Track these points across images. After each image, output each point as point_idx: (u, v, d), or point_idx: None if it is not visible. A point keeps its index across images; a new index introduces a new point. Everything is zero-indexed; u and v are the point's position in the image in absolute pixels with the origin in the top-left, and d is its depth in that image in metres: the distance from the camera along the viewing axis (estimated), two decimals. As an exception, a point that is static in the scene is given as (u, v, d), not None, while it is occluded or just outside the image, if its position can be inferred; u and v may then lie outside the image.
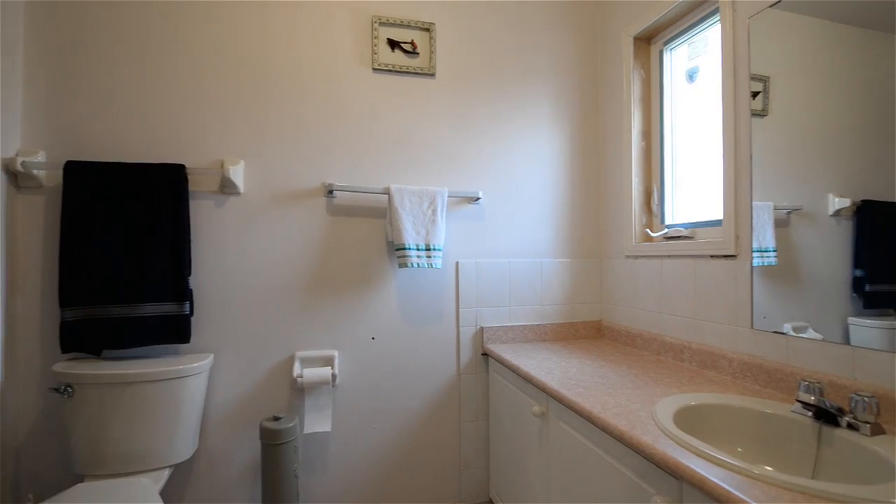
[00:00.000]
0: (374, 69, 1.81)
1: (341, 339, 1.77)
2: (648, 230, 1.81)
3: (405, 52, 1.85)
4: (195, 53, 1.65)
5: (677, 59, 1.80)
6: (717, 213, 1.52)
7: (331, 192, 1.71)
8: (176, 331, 1.54)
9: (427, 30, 1.86)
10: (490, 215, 1.94)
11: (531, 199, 1.99)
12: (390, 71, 1.83)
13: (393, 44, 1.83)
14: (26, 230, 1.51)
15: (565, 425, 1.27)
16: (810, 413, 1.00)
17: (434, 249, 1.74)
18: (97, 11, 1.58)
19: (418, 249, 1.72)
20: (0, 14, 1.42)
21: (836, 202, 1.12)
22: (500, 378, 1.77)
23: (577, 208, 2.06)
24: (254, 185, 1.70)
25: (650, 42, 1.87)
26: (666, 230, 1.73)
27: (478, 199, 1.88)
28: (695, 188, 1.71)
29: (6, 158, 1.44)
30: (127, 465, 1.43)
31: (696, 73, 1.71)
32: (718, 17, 1.46)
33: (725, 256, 1.41)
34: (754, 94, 1.32)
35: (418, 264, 1.71)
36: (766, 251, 1.28)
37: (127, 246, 1.50)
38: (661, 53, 1.84)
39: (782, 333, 1.23)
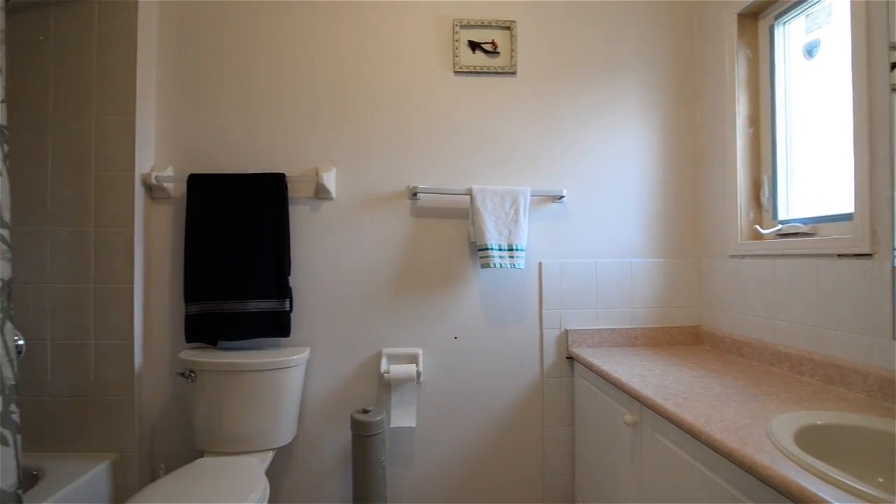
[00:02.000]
0: (456, 72, 1.83)
1: (425, 337, 1.81)
2: (758, 227, 1.63)
3: (486, 52, 1.85)
4: (291, 71, 1.80)
5: (792, 33, 1.60)
6: (845, 205, 1.32)
7: (414, 194, 1.76)
8: (278, 325, 1.68)
9: (508, 28, 1.84)
10: (575, 214, 1.87)
11: (619, 196, 1.89)
12: (471, 72, 1.84)
13: (474, 45, 1.84)
14: (159, 235, 1.75)
15: (662, 437, 1.19)
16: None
17: (517, 250, 1.72)
18: (206, 43, 1.78)
19: (501, 250, 1.71)
20: (138, 54, 1.65)
21: None
22: (586, 383, 1.70)
23: (670, 204, 1.91)
24: (344, 190, 1.80)
25: (757, 17, 1.68)
26: (779, 226, 1.54)
27: (562, 197, 1.83)
28: (815, 178, 1.50)
29: (144, 174, 1.68)
30: (238, 445, 1.59)
31: (816, 47, 1.51)
32: (846, -19, 1.27)
33: (857, 255, 1.22)
34: (893, 66, 1.13)
35: (501, 265, 1.70)
36: (914, 249, 1.09)
37: (237, 248, 1.67)
38: (770, 29, 1.65)
39: (937, 346, 1.04)
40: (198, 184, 1.68)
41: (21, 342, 1.50)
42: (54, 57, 1.63)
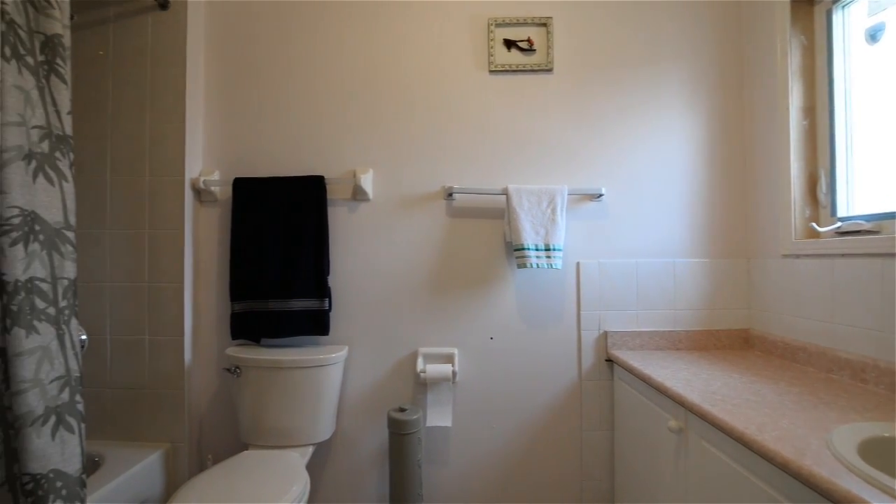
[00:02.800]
0: (491, 71, 1.82)
1: (461, 337, 1.81)
2: (814, 224, 1.53)
3: (521, 50, 1.83)
4: (328, 77, 1.84)
5: (852, 17, 1.49)
6: (915, 200, 1.22)
7: (450, 194, 1.76)
8: (318, 324, 1.72)
9: (544, 25, 1.82)
10: (614, 213, 1.82)
11: (661, 194, 1.82)
12: (507, 71, 1.82)
13: (509, 43, 1.82)
14: (206, 237, 1.83)
15: (709, 445, 1.14)
16: None
17: (554, 249, 1.69)
18: (248, 54, 1.85)
19: (537, 250, 1.69)
20: (187, 67, 1.74)
21: None
22: (627, 387, 1.65)
23: (716, 202, 1.83)
24: (381, 191, 1.83)
25: (813, 2, 1.58)
26: (838, 224, 1.44)
27: (600, 195, 1.78)
28: (880, 172, 1.40)
29: (193, 179, 1.76)
30: (280, 439, 1.64)
31: (880, 31, 1.40)
32: (915, -42, 1.18)
33: (930, 255, 1.13)
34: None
35: (537, 265, 1.68)
36: None
37: (279, 248, 1.72)
38: (828, 14, 1.54)
39: None
40: (242, 187, 1.75)
41: (84, 337, 1.61)
42: (112, 70, 1.74)
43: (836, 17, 1.53)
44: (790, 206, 1.58)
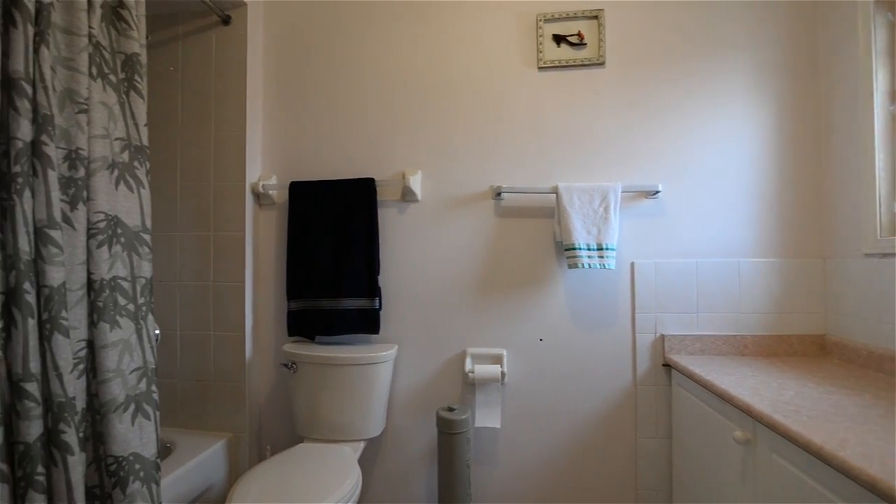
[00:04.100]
0: (540, 68, 1.79)
1: (510, 338, 1.79)
2: (903, 220, 1.39)
3: (571, 44, 1.78)
4: (377, 81, 1.88)
5: (950, -11, 1.34)
6: None
7: (498, 194, 1.75)
8: (369, 323, 1.76)
9: (595, 17, 1.76)
10: (671, 210, 1.74)
11: (724, 190, 1.72)
12: (556, 67, 1.79)
13: (558, 39, 1.78)
14: (265, 238, 1.92)
15: (780, 458, 1.05)
16: None
17: (606, 249, 1.64)
18: (301, 64, 1.92)
19: (589, 249, 1.64)
20: (248, 78, 1.83)
21: None
22: (686, 394, 1.57)
23: (787, 197, 1.69)
24: (429, 191, 1.84)
25: (902, -25, 1.43)
26: (934, 219, 1.30)
27: (656, 192, 1.70)
28: None
29: (253, 183, 1.86)
30: (333, 434, 1.69)
31: None
32: None
33: None
34: None
35: (589, 265, 1.63)
36: None
37: (332, 249, 1.78)
38: (920, -13, 1.39)
39: None
40: (297, 190, 1.82)
41: (157, 332, 1.74)
42: (181, 83, 1.87)
43: (931, -10, 1.38)
44: (874, 200, 1.44)
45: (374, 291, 1.76)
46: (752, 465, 1.17)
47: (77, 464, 1.00)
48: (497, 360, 1.78)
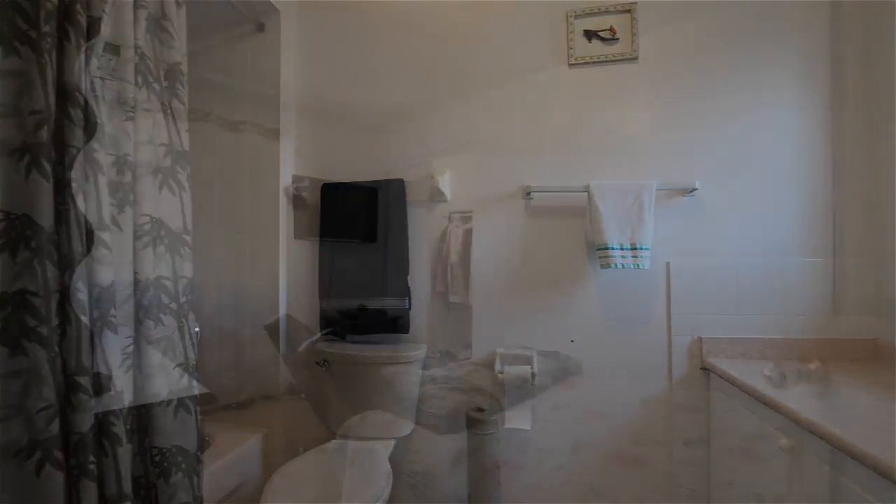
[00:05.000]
0: (571, 65, 1.77)
1: (540, 339, 1.77)
2: (968, 217, 1.29)
3: (602, 40, 1.74)
4: (406, 81, 1.90)
5: None
6: None
7: (528, 193, 1.73)
8: (398, 322, 1.78)
9: (628, 11, 1.72)
10: (709, 208, 1.67)
11: (767, 186, 1.64)
12: (587, 63, 1.75)
13: (589, 34, 1.75)
14: (298, 239, 1.97)
15: (831, 470, 1.00)
16: None
17: (640, 249, 1.59)
18: (329, 71, 1.96)
19: (622, 249, 1.60)
20: (280, 82, 1.88)
21: None
22: (727, 399, 1.51)
23: (837, 193, 1.60)
24: (458, 192, 1.84)
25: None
26: None
27: (693, 190, 1.64)
28: None
29: (286, 185, 1.91)
30: (363, 431, 1.72)
31: None
32: None
33: None
34: None
35: (622, 265, 1.59)
36: None
37: (362, 249, 1.81)
38: None
39: None
40: (329, 191, 1.86)
41: (197, 329, 1.80)
42: (219, 90, 1.94)
43: None
44: (935, 196, 1.34)
45: (403, 291, 1.77)
46: (798, 475, 1.11)
47: (125, 454, 1.05)
48: (527, 360, 1.75)
